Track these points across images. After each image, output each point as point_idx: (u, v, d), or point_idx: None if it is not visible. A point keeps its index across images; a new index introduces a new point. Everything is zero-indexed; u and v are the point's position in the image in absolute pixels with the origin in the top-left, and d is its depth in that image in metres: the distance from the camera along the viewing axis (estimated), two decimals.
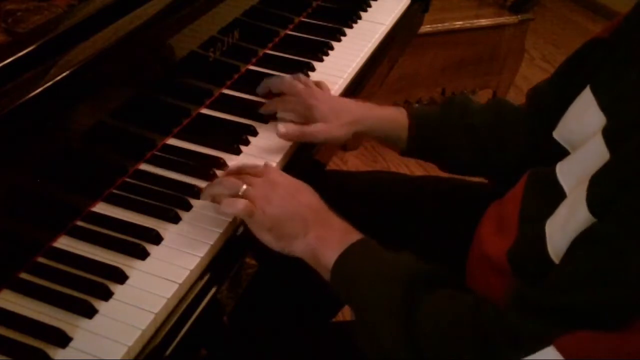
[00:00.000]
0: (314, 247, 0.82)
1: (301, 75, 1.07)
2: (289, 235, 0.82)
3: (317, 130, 0.98)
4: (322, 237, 0.82)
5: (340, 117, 1.00)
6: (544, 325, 0.63)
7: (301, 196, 0.85)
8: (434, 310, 0.72)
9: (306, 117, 1.00)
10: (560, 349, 0.62)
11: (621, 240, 0.61)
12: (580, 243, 0.65)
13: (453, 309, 0.72)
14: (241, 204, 0.82)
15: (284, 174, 0.88)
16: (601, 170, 0.67)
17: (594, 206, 0.65)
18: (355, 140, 2.29)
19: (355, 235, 0.82)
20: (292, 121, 1.01)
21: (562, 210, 0.71)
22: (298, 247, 0.83)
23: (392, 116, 1.03)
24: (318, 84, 1.07)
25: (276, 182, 0.85)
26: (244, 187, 0.84)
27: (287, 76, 1.06)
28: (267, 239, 0.83)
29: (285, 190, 0.84)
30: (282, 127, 0.97)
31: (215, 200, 0.85)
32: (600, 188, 0.65)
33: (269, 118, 1.05)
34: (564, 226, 0.68)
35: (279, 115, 1.04)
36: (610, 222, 0.63)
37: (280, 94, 1.04)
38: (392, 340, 0.73)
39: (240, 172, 0.88)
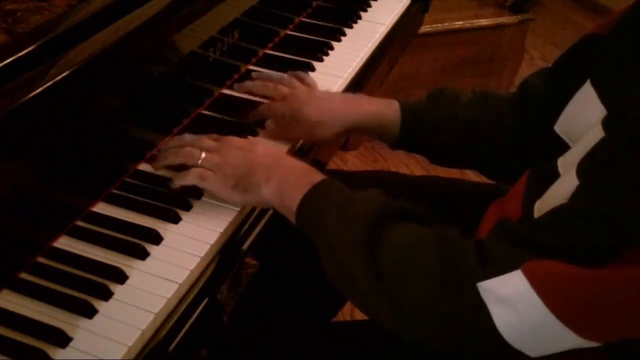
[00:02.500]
0: (279, 191, 0.83)
1: (285, 76, 1.07)
2: (252, 186, 0.84)
3: (300, 137, 1.01)
4: (285, 179, 0.83)
5: (326, 117, 1.00)
6: (516, 251, 0.65)
7: (257, 147, 0.88)
8: (396, 236, 0.73)
9: (293, 120, 1.00)
10: (526, 273, 0.63)
11: (602, 187, 0.64)
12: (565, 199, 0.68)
13: (415, 234, 0.73)
14: (191, 174, 0.85)
15: (237, 137, 0.90)
16: (593, 147, 0.69)
17: (583, 173, 0.67)
18: (355, 140, 2.29)
19: (318, 176, 0.83)
20: (280, 126, 1.02)
21: (552, 188, 0.73)
22: (264, 195, 0.84)
23: (379, 111, 1.03)
24: (304, 80, 1.07)
25: (230, 142, 0.88)
26: (203, 155, 0.86)
27: (273, 75, 1.07)
28: (235, 198, 0.86)
29: (240, 148, 0.87)
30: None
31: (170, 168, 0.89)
32: (591, 159, 0.68)
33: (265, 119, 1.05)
34: (553, 199, 0.70)
35: (267, 122, 1.04)
36: (594, 175, 0.66)
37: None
38: (359, 271, 0.73)
39: (196, 143, 0.89)
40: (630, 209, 0.62)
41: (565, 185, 0.70)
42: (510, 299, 0.64)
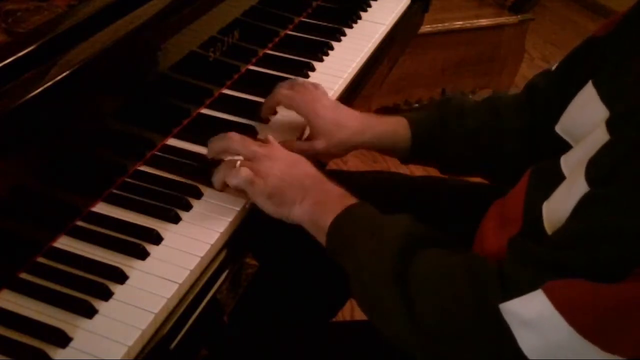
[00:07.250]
0: (312, 212, 0.84)
1: (299, 79, 1.06)
2: (288, 201, 0.85)
3: (316, 149, 0.98)
4: (319, 201, 0.84)
5: (340, 132, 0.99)
6: (536, 273, 0.65)
7: (300, 165, 0.89)
8: (426, 265, 0.74)
9: (307, 119, 0.99)
10: (548, 294, 0.64)
11: (616, 200, 0.64)
12: (577, 207, 0.67)
13: (445, 262, 0.74)
14: (243, 173, 0.86)
15: (283, 149, 0.91)
16: (600, 149, 0.68)
17: (592, 178, 0.67)
18: None
19: (351, 200, 0.84)
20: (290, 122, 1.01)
21: (559, 190, 0.73)
22: (297, 213, 0.85)
23: (391, 130, 1.02)
24: (315, 87, 1.06)
25: (277, 153, 0.89)
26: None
27: (283, 82, 1.03)
28: (267, 207, 0.86)
29: (285, 161, 0.88)
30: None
31: (218, 156, 0.90)
32: (599, 163, 0.68)
33: (268, 118, 1.05)
34: (562, 203, 0.70)
35: (278, 114, 1.03)
36: (607, 185, 0.65)
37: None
38: (389, 299, 0.74)
39: (245, 143, 0.90)
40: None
41: (574, 191, 0.69)
42: (534, 321, 0.64)
